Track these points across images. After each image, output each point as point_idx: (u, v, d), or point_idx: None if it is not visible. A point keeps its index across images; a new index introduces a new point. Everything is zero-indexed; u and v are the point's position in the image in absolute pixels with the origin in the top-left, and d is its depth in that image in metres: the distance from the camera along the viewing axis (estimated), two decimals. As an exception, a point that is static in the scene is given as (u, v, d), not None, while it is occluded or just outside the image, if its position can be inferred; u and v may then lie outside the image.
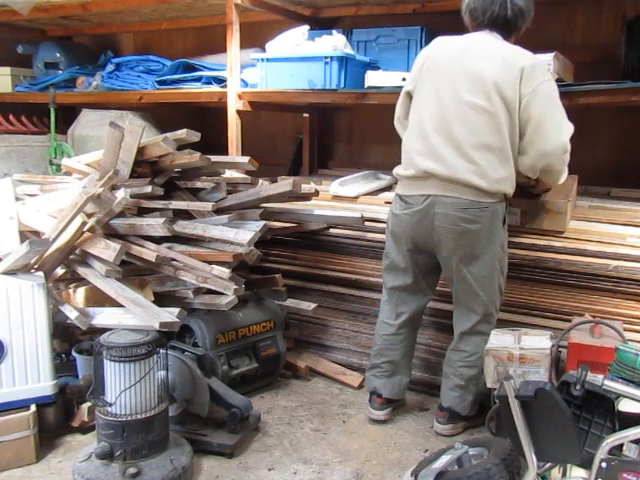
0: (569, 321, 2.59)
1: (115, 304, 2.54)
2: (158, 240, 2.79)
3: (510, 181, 2.33)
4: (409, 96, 2.52)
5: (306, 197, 3.35)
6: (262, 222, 2.87)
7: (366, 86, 3.34)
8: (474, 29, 2.41)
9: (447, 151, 2.30)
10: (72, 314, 2.46)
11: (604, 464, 1.62)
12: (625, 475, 1.61)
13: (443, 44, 2.44)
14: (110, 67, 4.33)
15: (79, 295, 2.74)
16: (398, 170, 2.50)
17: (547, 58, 2.77)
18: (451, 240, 2.35)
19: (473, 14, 2.38)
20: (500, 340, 2.40)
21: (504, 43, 2.35)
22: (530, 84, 2.24)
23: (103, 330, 2.29)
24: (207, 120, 4.44)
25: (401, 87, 2.61)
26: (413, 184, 2.42)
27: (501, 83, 2.24)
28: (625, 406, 1.76)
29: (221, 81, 3.81)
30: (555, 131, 2.28)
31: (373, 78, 3.32)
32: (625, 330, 2.44)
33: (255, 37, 3.96)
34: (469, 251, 2.35)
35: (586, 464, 1.70)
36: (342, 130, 4.44)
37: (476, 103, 2.26)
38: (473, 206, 2.29)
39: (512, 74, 2.24)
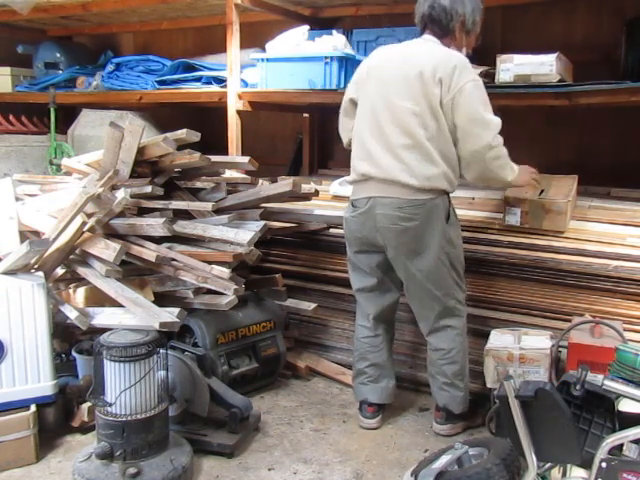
0: (569, 321, 2.59)
1: (115, 304, 2.54)
2: (158, 240, 2.79)
3: (444, 178, 2.34)
4: (353, 103, 2.60)
5: (306, 197, 3.35)
6: (262, 222, 2.88)
7: None
8: (419, 33, 2.51)
9: (380, 153, 2.38)
10: (72, 314, 2.46)
11: (604, 464, 1.62)
12: (625, 475, 1.61)
13: (381, 53, 2.53)
14: (110, 67, 4.33)
15: (79, 295, 2.74)
16: (347, 178, 2.61)
17: (549, 59, 2.77)
18: (393, 239, 2.40)
19: (415, 17, 2.51)
20: (500, 340, 2.40)
21: (434, 47, 2.40)
22: (452, 88, 2.28)
23: (103, 330, 2.29)
24: (207, 120, 4.44)
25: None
26: (357, 187, 2.51)
27: (424, 86, 2.30)
28: (625, 406, 1.76)
29: (221, 81, 3.81)
30: (479, 133, 2.30)
31: None
32: (625, 330, 2.44)
33: (255, 37, 3.96)
34: (412, 248, 2.39)
35: (586, 464, 1.70)
36: (342, 130, 4.43)
37: (404, 105, 2.33)
38: (408, 204, 2.34)
39: (433, 77, 2.28)
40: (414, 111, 2.31)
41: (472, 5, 2.43)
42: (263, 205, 3.13)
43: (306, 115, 4.35)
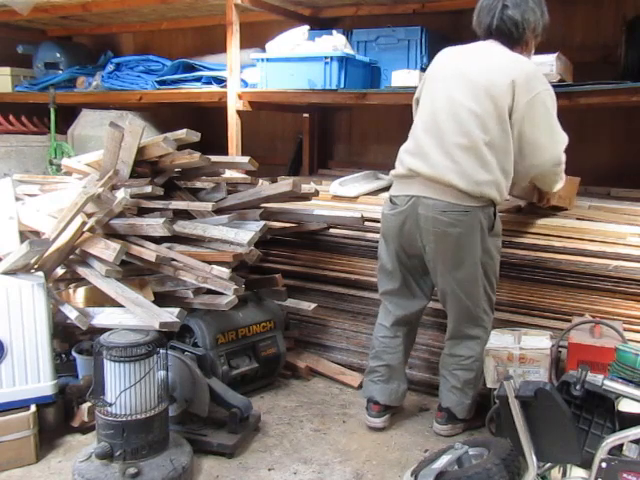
0: (569, 321, 2.59)
1: (115, 304, 2.54)
2: (158, 240, 2.79)
3: (495, 186, 2.28)
4: (417, 103, 2.54)
5: (306, 197, 3.35)
6: (262, 222, 2.88)
7: (393, 85, 3.35)
8: (481, 39, 2.42)
9: (432, 149, 2.31)
10: (72, 314, 2.46)
11: (604, 464, 1.62)
12: (625, 475, 1.61)
13: (445, 52, 2.47)
14: (110, 67, 4.33)
15: (79, 295, 2.74)
16: (392, 171, 2.52)
17: (549, 59, 2.77)
18: (433, 242, 2.35)
19: (475, 25, 2.42)
20: (500, 340, 2.40)
21: (505, 51, 2.33)
22: (523, 97, 2.23)
23: (103, 330, 2.29)
24: (207, 120, 4.44)
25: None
26: (400, 184, 2.44)
27: (493, 90, 2.24)
28: (625, 406, 1.76)
29: (221, 81, 3.81)
30: (548, 146, 2.29)
31: (398, 78, 3.32)
32: (625, 330, 2.44)
33: (255, 37, 3.96)
34: (450, 255, 2.34)
35: (586, 464, 1.70)
36: (342, 130, 4.43)
37: (466, 104, 2.27)
38: (453, 209, 2.28)
39: (505, 83, 2.23)
40: (476, 112, 2.25)
41: (540, 9, 2.36)
42: (263, 205, 3.13)
43: (306, 115, 4.35)
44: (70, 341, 2.82)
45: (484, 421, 2.38)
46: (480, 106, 2.25)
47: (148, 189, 2.82)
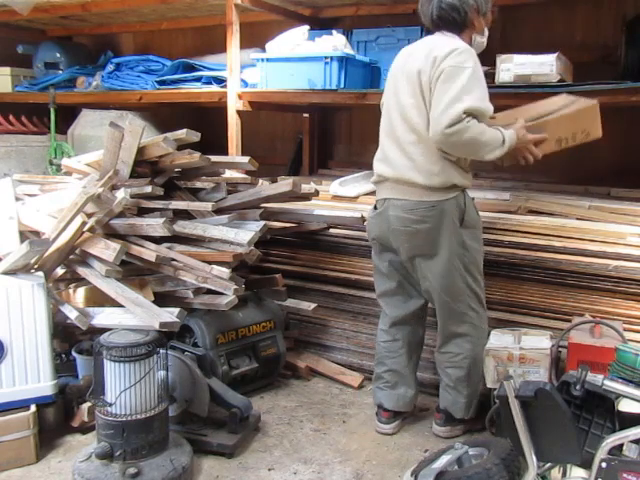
0: (569, 321, 2.59)
1: (115, 304, 2.54)
2: (158, 240, 2.79)
3: (453, 170, 2.27)
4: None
5: (306, 197, 3.35)
6: (262, 222, 2.88)
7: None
8: (430, 31, 2.42)
9: (392, 151, 2.38)
10: (72, 314, 2.46)
11: (604, 464, 1.62)
12: (625, 475, 1.61)
13: (399, 54, 2.48)
14: (110, 67, 4.33)
15: (79, 295, 2.74)
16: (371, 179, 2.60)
17: (549, 59, 2.77)
18: (405, 242, 2.38)
19: (421, 18, 2.41)
20: (500, 340, 2.40)
21: (446, 39, 2.29)
22: (438, 70, 2.19)
23: (103, 330, 2.29)
24: (207, 120, 4.44)
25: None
26: (377, 189, 2.53)
27: (422, 77, 2.25)
28: (625, 406, 1.76)
29: (221, 81, 3.81)
30: (440, 111, 2.15)
31: None
32: (625, 330, 2.44)
33: (255, 37, 3.96)
34: (424, 251, 2.37)
35: (586, 464, 1.70)
36: (342, 130, 4.43)
37: (409, 100, 2.30)
38: (419, 206, 2.31)
39: (428, 64, 2.22)
40: (415, 105, 2.28)
41: None
42: (263, 205, 3.13)
43: (306, 115, 4.35)
44: (70, 341, 2.82)
45: (484, 423, 2.38)
46: (416, 98, 2.27)
47: (148, 189, 2.83)
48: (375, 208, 2.53)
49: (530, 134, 2.32)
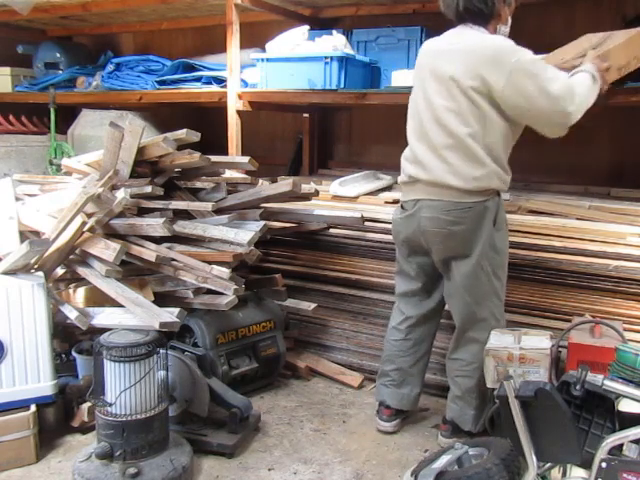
0: (569, 321, 2.59)
1: (115, 304, 2.54)
2: (158, 240, 2.79)
3: (494, 175, 2.25)
4: None
5: (306, 197, 3.35)
6: (262, 222, 2.88)
7: (393, 85, 3.34)
8: (454, 24, 2.36)
9: (426, 155, 2.31)
10: (72, 314, 2.46)
11: (604, 464, 1.62)
12: (625, 475, 1.61)
13: (423, 50, 2.43)
14: (110, 67, 4.33)
15: (79, 295, 2.74)
16: (398, 178, 2.52)
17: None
18: (439, 243, 2.34)
19: (443, 9, 2.36)
20: (500, 340, 2.39)
21: (475, 34, 2.26)
22: (499, 78, 2.14)
23: (103, 330, 2.29)
24: (207, 120, 4.44)
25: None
26: (406, 190, 2.45)
27: (462, 83, 2.19)
28: (625, 406, 1.76)
29: (221, 81, 3.81)
30: (548, 104, 2.15)
31: (398, 78, 3.32)
32: (625, 330, 2.44)
33: (255, 37, 3.96)
34: (458, 252, 2.33)
35: (586, 464, 1.70)
36: (342, 130, 4.43)
37: (442, 103, 2.25)
38: (455, 207, 2.27)
39: (472, 72, 2.17)
40: (452, 109, 2.22)
41: None
42: (263, 205, 3.13)
43: (306, 115, 4.35)
44: (70, 341, 2.82)
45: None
46: (454, 102, 2.22)
47: (148, 189, 2.83)
48: (402, 208, 2.45)
49: (602, 62, 2.34)
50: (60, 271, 2.78)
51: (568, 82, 2.21)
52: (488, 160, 2.23)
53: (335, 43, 3.44)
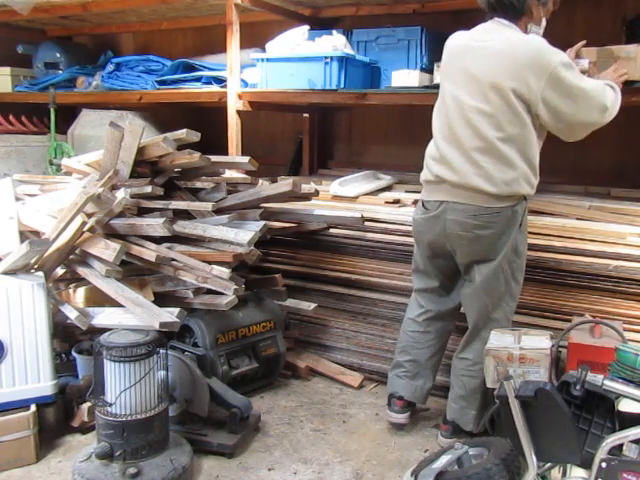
0: (569, 321, 2.59)
1: (115, 304, 2.54)
2: (158, 240, 2.79)
3: (524, 180, 2.22)
4: None
5: (306, 197, 3.35)
6: (262, 222, 2.88)
7: (393, 85, 3.35)
8: (487, 16, 2.32)
9: (454, 157, 2.26)
10: (72, 314, 2.46)
11: (604, 464, 1.62)
12: (625, 475, 1.61)
13: (451, 47, 2.37)
14: (110, 67, 4.33)
15: (79, 295, 2.74)
16: (421, 175, 2.47)
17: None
18: (465, 246, 2.31)
19: (479, 1, 2.32)
20: (500, 340, 2.39)
21: (508, 32, 2.23)
22: (538, 80, 2.12)
23: (103, 330, 2.29)
24: (207, 120, 4.44)
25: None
26: (430, 189, 2.40)
27: (498, 85, 2.16)
28: (625, 406, 1.76)
29: (221, 81, 3.81)
30: (587, 114, 2.20)
31: (398, 78, 3.32)
32: (625, 330, 2.44)
33: (255, 37, 3.96)
34: (483, 256, 2.31)
35: (586, 464, 1.70)
36: (342, 130, 4.43)
37: (474, 105, 2.20)
38: (484, 212, 2.24)
39: (509, 74, 2.14)
40: (485, 111, 2.18)
41: None
42: (263, 205, 3.13)
43: (306, 115, 4.35)
44: (70, 341, 2.82)
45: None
46: (488, 104, 2.18)
47: (148, 189, 2.83)
48: (424, 208, 2.41)
49: (615, 72, 2.48)
50: (60, 271, 2.78)
51: (598, 82, 2.26)
52: (520, 163, 2.20)
53: (335, 43, 3.44)
